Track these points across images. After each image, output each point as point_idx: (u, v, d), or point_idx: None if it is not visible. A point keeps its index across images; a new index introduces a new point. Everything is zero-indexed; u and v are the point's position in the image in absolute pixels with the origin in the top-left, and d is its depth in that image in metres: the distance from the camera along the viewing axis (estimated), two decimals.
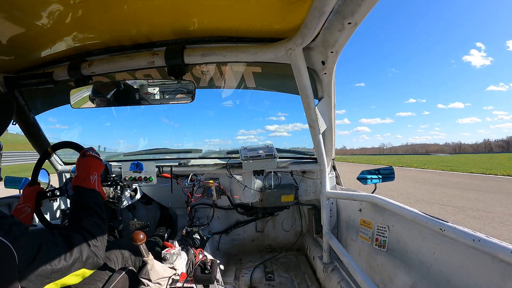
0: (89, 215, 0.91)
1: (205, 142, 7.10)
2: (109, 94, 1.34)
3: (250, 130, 3.49)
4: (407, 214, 1.01)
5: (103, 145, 2.89)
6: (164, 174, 1.84)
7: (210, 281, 1.25)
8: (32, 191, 1.30)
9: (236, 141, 13.38)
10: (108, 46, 1.23)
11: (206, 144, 8.34)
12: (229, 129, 5.82)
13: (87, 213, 0.92)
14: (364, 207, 1.47)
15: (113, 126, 3.23)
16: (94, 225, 0.89)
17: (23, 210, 1.23)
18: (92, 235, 0.86)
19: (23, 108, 1.57)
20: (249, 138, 4.40)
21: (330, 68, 1.21)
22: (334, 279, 1.59)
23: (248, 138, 4.30)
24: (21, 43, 1.11)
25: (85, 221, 0.89)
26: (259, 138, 4.59)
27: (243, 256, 2.28)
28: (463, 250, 0.83)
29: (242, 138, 5.19)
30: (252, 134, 3.54)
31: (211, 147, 3.95)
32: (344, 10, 0.83)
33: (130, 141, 4.21)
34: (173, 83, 1.29)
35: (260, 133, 4.30)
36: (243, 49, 1.12)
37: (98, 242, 0.87)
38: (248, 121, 2.85)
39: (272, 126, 18.84)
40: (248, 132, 4.30)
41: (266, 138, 3.96)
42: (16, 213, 1.21)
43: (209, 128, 3.18)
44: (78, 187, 1.00)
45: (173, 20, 1.04)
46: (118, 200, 1.72)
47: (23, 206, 1.24)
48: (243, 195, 1.95)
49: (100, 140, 7.05)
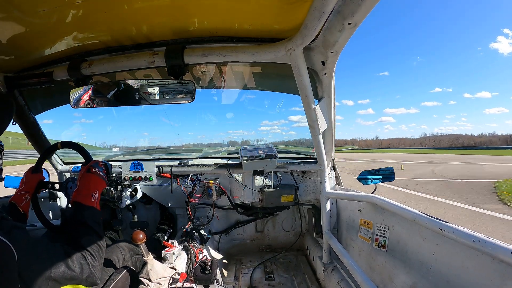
0: (87, 234, 0.93)
1: (229, 134, 7.08)
2: (109, 94, 1.34)
3: (273, 121, 3.43)
4: (407, 214, 1.01)
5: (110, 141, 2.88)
6: (164, 174, 1.84)
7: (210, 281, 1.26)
8: (34, 179, 1.30)
9: (260, 132, 13.27)
10: (108, 46, 1.22)
11: (229, 135, 8.23)
12: (253, 120, 5.85)
13: (86, 232, 0.93)
14: (364, 207, 1.47)
15: (128, 120, 3.21)
16: (93, 245, 0.91)
17: (24, 198, 1.23)
18: (91, 255, 0.88)
19: (23, 108, 1.57)
20: (272, 129, 4.33)
21: (330, 68, 1.21)
22: (334, 279, 1.59)
23: (271, 129, 4.25)
24: (21, 43, 1.11)
25: (84, 239, 0.90)
26: (283, 129, 4.44)
27: (243, 256, 2.28)
28: (463, 250, 0.83)
29: (265, 129, 5.10)
30: (276, 125, 3.49)
31: (235, 138, 3.96)
32: (344, 11, 0.83)
33: (154, 134, 4.20)
34: (173, 83, 1.29)
35: (283, 124, 4.30)
36: (243, 49, 1.12)
37: (96, 262, 0.88)
38: (271, 112, 2.85)
39: (296, 117, 18.96)
40: (271, 123, 4.25)
41: (290, 129, 3.91)
42: (16, 199, 1.22)
43: (233, 120, 3.14)
44: (78, 203, 1.00)
45: (173, 20, 1.04)
46: (118, 200, 1.72)
47: (24, 194, 1.25)
48: (243, 195, 1.95)
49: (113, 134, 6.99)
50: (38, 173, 1.34)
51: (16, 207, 1.20)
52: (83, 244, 0.89)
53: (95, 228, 0.96)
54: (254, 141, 3.14)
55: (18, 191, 1.25)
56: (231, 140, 3.36)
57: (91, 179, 1.08)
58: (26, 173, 1.32)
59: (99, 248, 0.92)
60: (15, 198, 1.22)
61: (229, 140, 3.36)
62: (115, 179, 1.74)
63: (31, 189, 1.27)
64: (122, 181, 1.74)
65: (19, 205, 1.20)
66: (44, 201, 1.75)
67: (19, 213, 1.20)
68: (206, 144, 3.54)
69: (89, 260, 0.86)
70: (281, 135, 6.97)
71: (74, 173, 1.96)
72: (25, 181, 1.28)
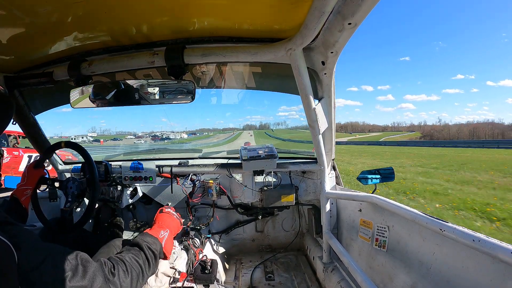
0: (136, 256, 0.83)
1: (247, 119, 6.99)
2: (109, 94, 1.34)
3: (291, 106, 3.34)
4: (407, 214, 1.01)
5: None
6: (164, 174, 1.84)
7: (210, 280, 1.26)
8: (36, 174, 1.31)
9: (278, 117, 13.05)
10: (108, 46, 1.22)
11: (247, 121, 8.11)
12: (271, 106, 5.65)
13: (136, 253, 0.84)
14: (364, 207, 1.47)
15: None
16: (135, 266, 0.80)
17: (25, 193, 1.24)
18: (124, 271, 0.76)
19: (23, 108, 1.57)
20: (290, 115, 4.18)
21: (330, 68, 1.21)
22: (334, 279, 1.59)
23: (289, 114, 4.10)
24: (21, 43, 1.11)
25: (128, 256, 0.81)
26: (300, 114, 4.10)
27: (243, 256, 2.28)
28: (463, 250, 0.83)
29: (284, 114, 4.97)
30: (294, 110, 3.39)
31: (253, 122, 3.83)
32: (344, 11, 0.83)
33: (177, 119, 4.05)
34: (173, 83, 1.29)
35: (301, 109, 4.08)
36: (243, 49, 1.12)
37: (119, 281, 0.73)
38: (289, 97, 2.63)
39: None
40: (289, 108, 4.17)
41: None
42: (18, 193, 1.23)
43: (251, 105, 3.05)
44: (145, 232, 0.97)
45: (173, 20, 1.04)
46: (118, 200, 1.72)
47: (26, 188, 1.25)
48: (243, 195, 1.95)
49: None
50: (40, 168, 1.34)
51: (18, 201, 1.21)
52: (123, 257, 0.79)
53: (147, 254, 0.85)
54: (274, 124, 3.00)
55: (20, 186, 1.25)
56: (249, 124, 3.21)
57: (165, 217, 1.08)
58: (28, 167, 1.32)
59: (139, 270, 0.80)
60: (17, 193, 1.23)
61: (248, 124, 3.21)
62: (115, 179, 1.74)
63: (33, 184, 1.28)
64: (122, 181, 1.74)
65: (21, 200, 1.21)
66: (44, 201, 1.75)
67: (21, 208, 1.20)
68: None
69: (109, 274, 0.72)
70: (299, 120, 6.73)
71: (74, 173, 1.97)
72: (27, 176, 1.28)
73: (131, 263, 0.80)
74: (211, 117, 40.30)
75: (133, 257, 0.82)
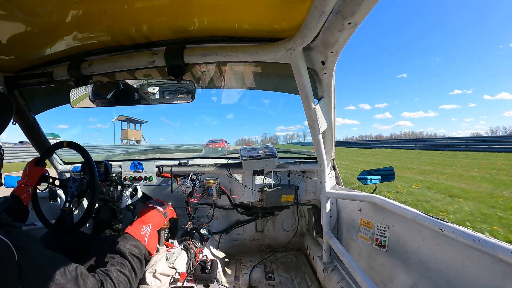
0: (121, 267, 0.86)
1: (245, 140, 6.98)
2: (109, 94, 1.34)
3: (288, 126, 3.33)
4: (407, 214, 1.01)
5: None
6: (164, 173, 1.84)
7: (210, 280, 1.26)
8: (37, 172, 1.30)
9: (276, 136, 13.09)
10: (108, 46, 1.22)
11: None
12: (268, 128, 5.68)
13: (121, 264, 0.87)
14: (364, 207, 1.47)
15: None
16: (121, 279, 0.83)
17: (26, 191, 1.24)
18: (112, 287, 0.80)
19: (23, 108, 1.57)
20: (288, 134, 4.22)
21: (330, 68, 1.21)
22: (334, 279, 1.59)
23: (287, 134, 4.13)
24: (21, 43, 1.11)
25: (114, 269, 0.84)
26: (299, 135, 4.07)
27: (243, 255, 2.28)
28: (463, 250, 0.83)
29: (281, 134, 4.99)
30: (291, 130, 3.40)
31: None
32: (344, 10, 0.83)
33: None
34: (173, 83, 1.29)
35: (298, 129, 4.02)
36: (243, 49, 1.12)
37: None
38: (286, 116, 2.54)
39: None
40: (286, 128, 4.19)
41: (308, 134, 3.49)
42: (19, 191, 1.22)
43: (248, 125, 3.01)
44: (126, 232, 0.98)
45: (173, 20, 1.04)
46: (118, 200, 1.72)
47: (27, 186, 1.25)
48: (243, 195, 1.95)
49: None
50: (41, 166, 1.34)
51: (19, 199, 1.20)
52: (111, 274, 0.81)
53: (132, 263, 0.88)
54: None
55: (21, 183, 1.25)
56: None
57: (147, 210, 1.07)
58: (29, 164, 1.31)
59: (127, 283, 0.84)
60: (18, 190, 1.22)
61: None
62: (115, 179, 1.74)
63: (34, 181, 1.27)
64: (122, 181, 1.74)
65: (22, 198, 1.21)
66: (44, 201, 1.75)
67: (22, 205, 1.20)
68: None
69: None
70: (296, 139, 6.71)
71: (74, 173, 1.96)
72: (28, 173, 1.28)
73: (117, 277, 0.82)
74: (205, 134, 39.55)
75: (119, 269, 0.85)
